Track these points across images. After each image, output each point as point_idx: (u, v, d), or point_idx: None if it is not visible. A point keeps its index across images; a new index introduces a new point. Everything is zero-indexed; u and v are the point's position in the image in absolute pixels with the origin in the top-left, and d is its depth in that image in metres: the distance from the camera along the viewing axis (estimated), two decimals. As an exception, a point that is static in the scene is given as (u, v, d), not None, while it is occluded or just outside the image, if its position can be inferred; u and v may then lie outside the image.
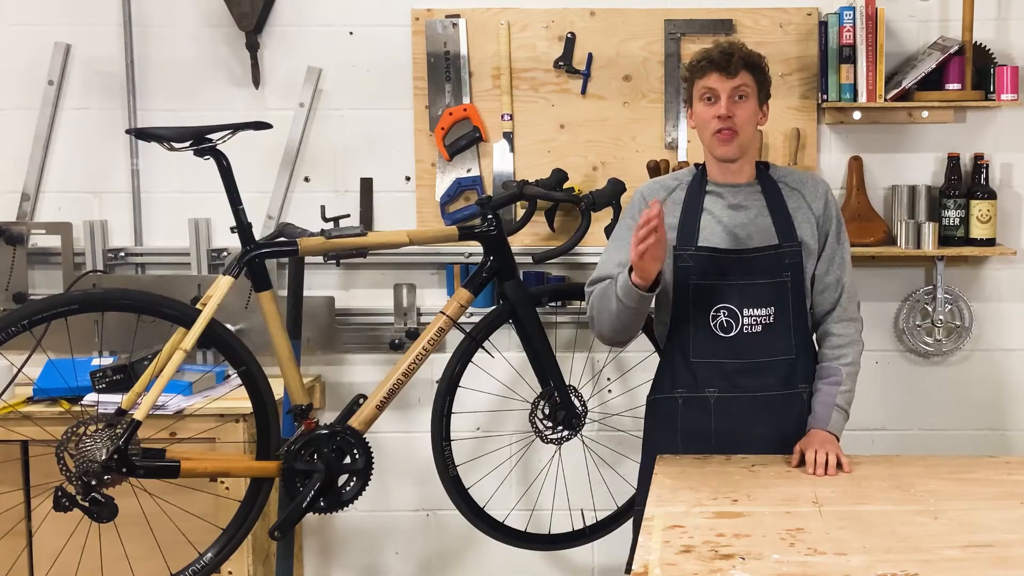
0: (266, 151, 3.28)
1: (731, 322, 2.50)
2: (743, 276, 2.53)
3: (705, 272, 2.53)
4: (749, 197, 2.58)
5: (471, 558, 3.47)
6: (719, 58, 2.49)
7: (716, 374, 2.55)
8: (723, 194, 2.57)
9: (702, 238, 2.54)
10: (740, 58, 2.50)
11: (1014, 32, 3.30)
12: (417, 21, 3.30)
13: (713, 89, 2.50)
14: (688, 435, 2.56)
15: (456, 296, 2.93)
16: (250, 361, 2.69)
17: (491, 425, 3.38)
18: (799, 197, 2.59)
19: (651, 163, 3.22)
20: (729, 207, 2.57)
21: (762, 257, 2.53)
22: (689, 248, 2.53)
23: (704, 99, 2.52)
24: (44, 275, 3.36)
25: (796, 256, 2.54)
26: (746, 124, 2.51)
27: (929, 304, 3.36)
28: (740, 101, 2.50)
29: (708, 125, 2.52)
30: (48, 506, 2.52)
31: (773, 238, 2.54)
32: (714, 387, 2.55)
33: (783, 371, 2.55)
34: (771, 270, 2.53)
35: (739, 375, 2.54)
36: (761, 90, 2.55)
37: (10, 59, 3.34)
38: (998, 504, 2.13)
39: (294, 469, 2.72)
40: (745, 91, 2.51)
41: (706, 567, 1.81)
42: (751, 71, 2.52)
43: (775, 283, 2.54)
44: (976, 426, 3.42)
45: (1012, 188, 3.36)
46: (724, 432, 2.54)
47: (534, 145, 3.33)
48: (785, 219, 2.56)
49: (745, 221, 2.55)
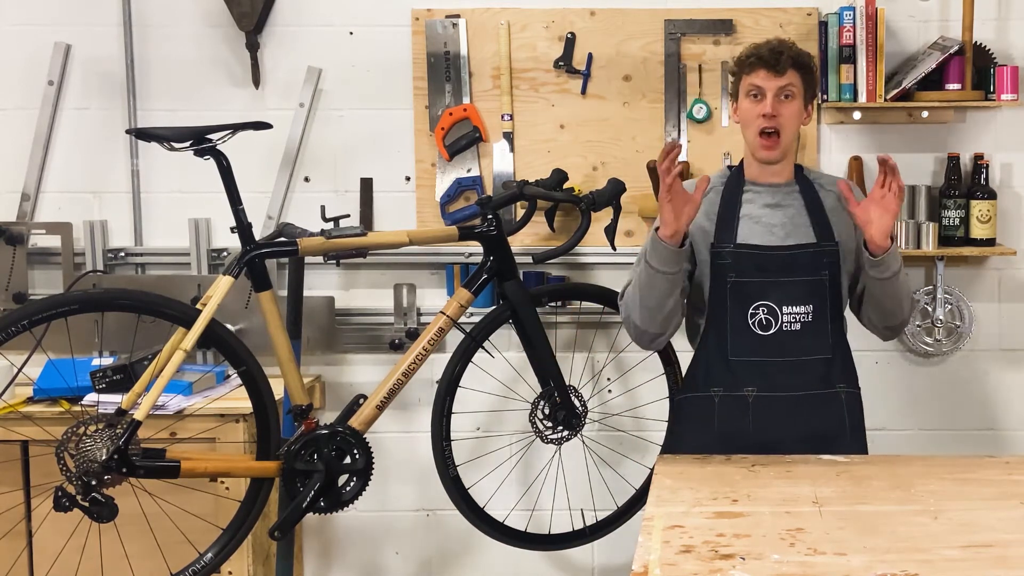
0: (266, 151, 3.28)
1: (770, 320, 2.50)
2: (782, 273, 2.52)
3: (743, 269, 2.52)
4: (788, 196, 2.59)
5: (471, 558, 3.47)
6: (768, 56, 2.50)
7: (755, 372, 2.53)
8: (761, 192, 2.59)
9: (740, 235, 2.55)
10: (789, 57, 2.51)
11: (1014, 32, 3.30)
12: (417, 21, 3.30)
13: (760, 87, 2.51)
14: (725, 435, 2.53)
15: (456, 296, 2.93)
16: (250, 361, 2.68)
17: (491, 425, 3.38)
18: (835, 198, 2.60)
19: (651, 163, 3.22)
20: (767, 206, 2.58)
21: (801, 255, 2.54)
22: (727, 245, 2.53)
23: (750, 96, 2.53)
24: (44, 275, 3.36)
25: (834, 255, 2.55)
26: (790, 123, 2.53)
27: (929, 304, 3.36)
28: (786, 100, 2.52)
29: (753, 123, 2.53)
30: (48, 506, 2.51)
31: (811, 236, 2.55)
32: (753, 386, 2.53)
33: (821, 370, 2.54)
34: (810, 268, 2.53)
35: (778, 374, 2.52)
36: (808, 90, 2.57)
37: (10, 59, 3.34)
38: (998, 504, 2.13)
39: (294, 469, 2.71)
40: (792, 90, 2.52)
41: (706, 567, 1.81)
42: (799, 70, 2.53)
43: (814, 281, 2.53)
44: (976, 426, 3.42)
45: (1012, 188, 3.36)
46: (762, 432, 2.52)
47: (534, 145, 3.33)
48: (823, 219, 2.57)
49: (784, 220, 2.56)
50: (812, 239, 2.55)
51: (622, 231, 3.21)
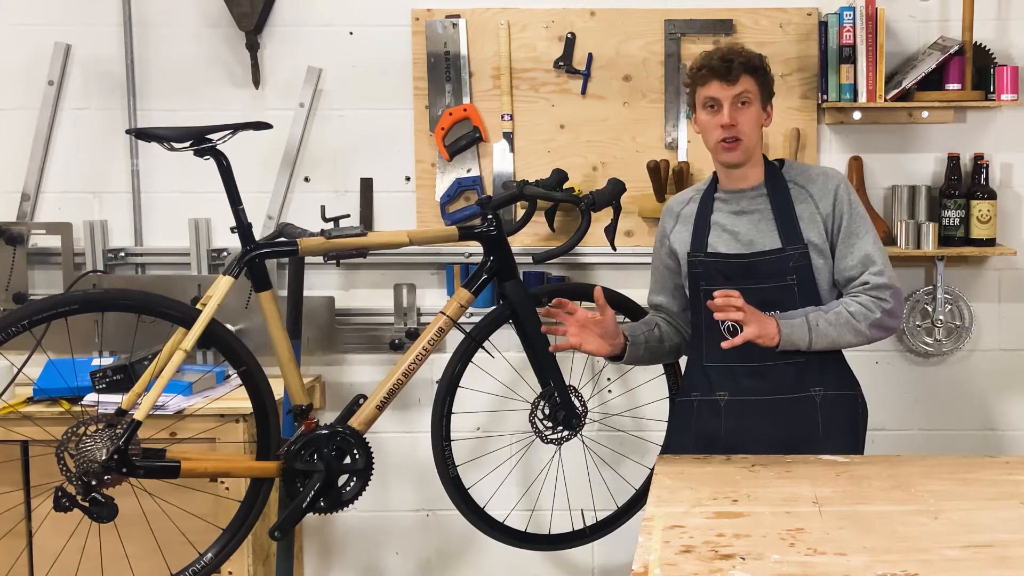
0: (266, 151, 3.28)
1: (738, 326, 2.51)
2: (747, 280, 2.54)
3: (712, 277, 2.57)
4: (753, 202, 2.59)
5: (471, 558, 3.47)
6: (719, 66, 2.50)
7: (726, 377, 2.58)
8: (728, 200, 2.62)
9: (710, 245, 2.59)
10: (740, 64, 2.50)
11: (1014, 32, 3.30)
12: (417, 21, 3.30)
13: (715, 98, 2.51)
14: (701, 437, 2.60)
15: (456, 296, 2.93)
16: (250, 361, 2.68)
17: (491, 425, 3.38)
18: (807, 196, 2.59)
19: (651, 163, 3.22)
20: (733, 213, 2.60)
21: (764, 261, 2.55)
22: (699, 255, 2.59)
23: (707, 107, 2.54)
24: (44, 275, 3.36)
25: (803, 258, 2.54)
26: (750, 130, 2.53)
27: (929, 304, 3.36)
28: (743, 107, 2.52)
29: (712, 133, 2.54)
30: (48, 506, 2.51)
31: (776, 242, 2.55)
32: (724, 390, 2.58)
33: (792, 374, 2.55)
34: (775, 274, 2.54)
35: (746, 378, 2.56)
36: (763, 92, 2.56)
37: (10, 59, 3.34)
38: (998, 504, 2.13)
39: (294, 469, 2.71)
40: (747, 97, 2.52)
41: (706, 567, 1.81)
42: (752, 74, 2.53)
43: (780, 287, 2.54)
44: (976, 426, 3.42)
45: (1012, 188, 3.36)
46: (733, 435, 2.57)
47: (534, 145, 3.33)
48: (790, 222, 2.56)
49: (749, 226, 2.58)
50: (777, 244, 2.55)
51: (622, 231, 3.21)
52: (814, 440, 2.52)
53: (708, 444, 2.57)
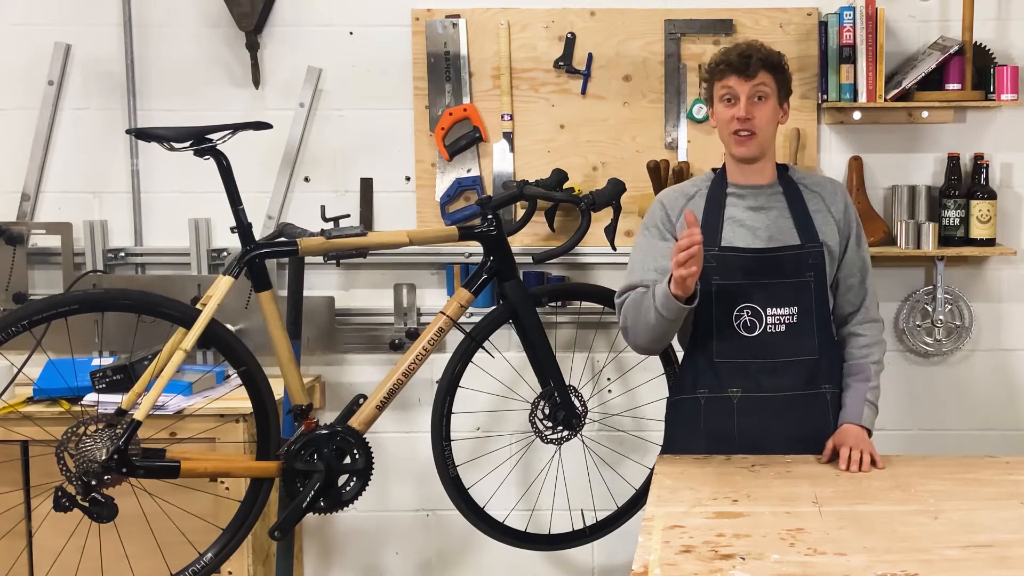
0: (266, 151, 3.28)
1: (754, 322, 2.50)
2: (767, 275, 2.53)
3: (728, 272, 2.53)
4: (771, 199, 2.59)
5: (471, 558, 3.47)
6: (737, 61, 2.50)
7: (739, 374, 2.55)
8: (744, 195, 2.59)
9: (724, 239, 2.55)
10: (759, 59, 2.51)
11: (1014, 32, 3.30)
12: (417, 21, 3.30)
13: (732, 90, 2.51)
14: (712, 436, 2.56)
15: (456, 296, 2.93)
16: (250, 361, 2.68)
17: (491, 425, 3.38)
18: (819, 200, 2.61)
19: (651, 163, 3.22)
20: (750, 208, 2.58)
21: (785, 256, 2.54)
22: (712, 249, 2.52)
23: (723, 100, 2.54)
24: (44, 275, 3.36)
25: (818, 257, 2.55)
26: (765, 125, 2.53)
27: (929, 304, 3.36)
28: (759, 102, 2.52)
29: (727, 126, 2.53)
30: (48, 506, 2.51)
31: (795, 238, 2.56)
32: (737, 387, 2.55)
33: (806, 371, 2.55)
34: (794, 270, 2.54)
35: (762, 375, 2.54)
36: (781, 89, 2.57)
37: (10, 59, 3.34)
38: (998, 504, 2.14)
39: (294, 469, 2.72)
40: (764, 91, 2.52)
41: (706, 567, 1.81)
42: (770, 71, 2.53)
43: (798, 283, 2.54)
44: (976, 426, 3.42)
45: (1012, 188, 3.36)
46: (747, 432, 2.54)
47: (534, 145, 3.33)
48: (806, 220, 2.57)
49: (767, 222, 2.57)
50: (796, 241, 2.56)
51: (622, 231, 3.21)
52: (825, 437, 2.51)
53: (720, 442, 2.54)
